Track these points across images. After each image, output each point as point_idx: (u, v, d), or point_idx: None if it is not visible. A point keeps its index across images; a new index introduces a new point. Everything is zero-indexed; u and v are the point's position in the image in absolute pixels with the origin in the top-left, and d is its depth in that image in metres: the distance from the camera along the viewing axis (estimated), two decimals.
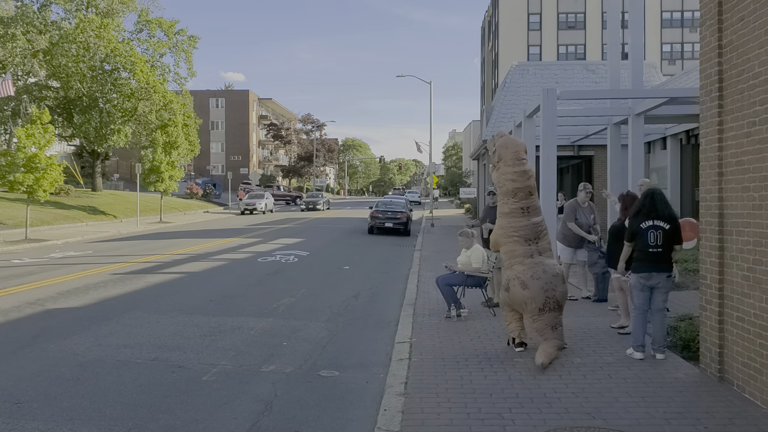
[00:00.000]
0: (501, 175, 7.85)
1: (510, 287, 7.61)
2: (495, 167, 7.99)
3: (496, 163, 7.96)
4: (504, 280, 7.79)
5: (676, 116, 18.47)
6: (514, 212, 7.75)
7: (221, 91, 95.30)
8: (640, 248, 7.40)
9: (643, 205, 7.46)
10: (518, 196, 7.74)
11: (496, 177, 7.94)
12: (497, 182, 7.94)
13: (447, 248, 20.87)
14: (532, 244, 7.73)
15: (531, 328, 7.58)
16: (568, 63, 42.04)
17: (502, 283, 7.82)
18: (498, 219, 8.01)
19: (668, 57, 70.96)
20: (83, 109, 39.87)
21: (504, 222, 7.80)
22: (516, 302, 7.60)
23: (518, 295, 7.53)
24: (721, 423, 5.39)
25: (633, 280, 7.52)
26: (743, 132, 6.06)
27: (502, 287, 7.81)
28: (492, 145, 8.08)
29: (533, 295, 7.43)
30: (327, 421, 5.85)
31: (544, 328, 7.44)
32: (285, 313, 10.73)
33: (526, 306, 7.50)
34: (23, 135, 22.69)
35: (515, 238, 7.69)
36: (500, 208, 7.93)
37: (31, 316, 10.27)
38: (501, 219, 7.89)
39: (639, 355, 7.41)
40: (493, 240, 8.10)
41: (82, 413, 5.90)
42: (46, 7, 42.27)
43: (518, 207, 7.73)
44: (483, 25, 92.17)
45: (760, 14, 5.75)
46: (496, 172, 7.96)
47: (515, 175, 7.79)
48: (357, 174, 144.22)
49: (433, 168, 45.99)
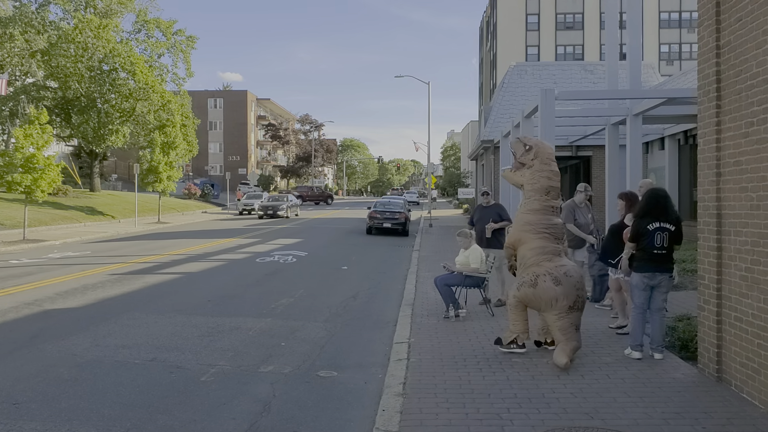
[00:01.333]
0: (537, 172, 7.74)
1: (538, 283, 7.42)
2: (525, 165, 7.84)
3: (531, 161, 7.85)
4: (529, 276, 7.55)
5: (674, 117, 18.52)
6: (546, 210, 7.69)
7: (219, 92, 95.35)
8: (644, 248, 7.36)
9: (652, 207, 7.38)
10: (551, 195, 7.74)
11: (531, 174, 7.78)
12: (530, 179, 7.78)
13: (445, 248, 20.87)
14: (560, 243, 7.74)
15: (555, 327, 7.36)
16: (567, 63, 42.11)
17: (524, 280, 7.58)
18: (524, 215, 7.80)
19: (666, 57, 71.07)
20: (81, 110, 39.85)
21: (534, 218, 7.67)
22: (543, 299, 7.39)
23: (549, 291, 7.36)
24: (720, 423, 5.39)
25: (635, 280, 7.49)
26: (741, 132, 6.07)
27: (524, 284, 7.56)
28: (522, 145, 7.96)
29: (566, 291, 7.32)
30: (325, 421, 5.85)
31: (569, 327, 7.30)
32: (283, 313, 10.73)
33: (556, 303, 7.33)
34: (21, 135, 22.68)
35: (546, 235, 7.61)
36: (528, 205, 7.77)
37: (29, 316, 10.25)
38: (529, 215, 7.72)
39: (637, 355, 7.40)
40: (518, 236, 7.83)
41: (80, 414, 5.90)
42: (44, 7, 42.24)
43: (550, 205, 7.73)
44: (481, 26, 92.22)
45: (758, 15, 5.76)
46: (528, 170, 7.81)
47: (552, 174, 7.79)
48: (355, 174, 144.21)
49: (432, 168, 45.92)
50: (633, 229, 7.53)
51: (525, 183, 7.86)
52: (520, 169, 7.92)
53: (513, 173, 8.01)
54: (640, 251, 7.41)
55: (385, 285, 14.23)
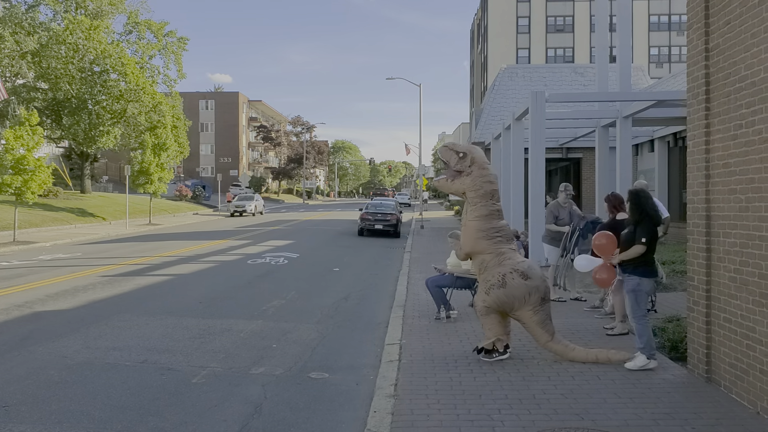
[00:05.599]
0: (478, 178, 7.59)
1: (507, 282, 7.32)
2: (463, 172, 7.62)
3: (468, 167, 7.70)
4: (495, 277, 7.41)
5: (664, 119, 18.65)
6: (494, 214, 7.58)
7: (211, 93, 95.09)
8: (653, 250, 7.23)
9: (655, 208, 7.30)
10: (494, 198, 7.64)
11: (472, 181, 7.62)
12: (473, 186, 7.61)
13: (436, 250, 20.90)
14: (512, 244, 7.74)
15: (533, 322, 7.32)
16: (557, 66, 42.28)
17: (491, 283, 7.43)
18: (474, 223, 7.62)
19: (656, 60, 71.43)
20: (72, 111, 39.66)
21: (484, 224, 7.56)
22: (516, 296, 7.29)
23: (520, 287, 7.27)
24: (709, 423, 5.43)
25: (648, 285, 7.25)
26: (730, 135, 6.12)
27: (492, 286, 7.40)
28: (455, 153, 7.71)
29: (536, 284, 7.27)
30: (317, 423, 5.85)
31: (546, 319, 7.32)
32: (275, 315, 10.72)
33: (529, 297, 7.27)
34: (11, 137, 22.55)
35: (499, 239, 7.59)
36: (477, 211, 7.59)
37: (19, 318, 10.20)
38: (480, 222, 7.58)
39: (654, 364, 7.07)
40: (473, 245, 7.64)
41: (70, 416, 5.88)
42: (34, 8, 42.02)
43: (496, 209, 7.63)
44: (472, 28, 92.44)
45: (746, 18, 5.81)
46: (468, 177, 7.63)
47: (492, 177, 7.68)
48: (347, 176, 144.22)
49: (423, 170, 46.07)
50: (647, 230, 7.16)
51: (467, 190, 7.63)
52: (458, 177, 7.68)
53: (451, 183, 7.70)
54: (650, 254, 7.21)
55: (377, 286, 14.24)
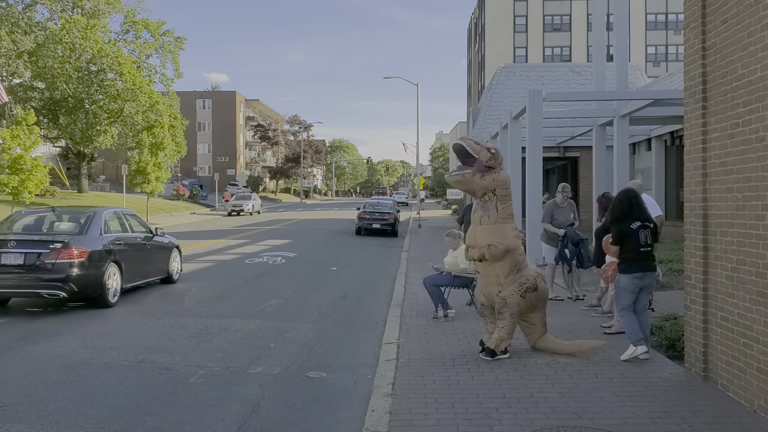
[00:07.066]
0: (506, 179, 7.56)
1: (538, 285, 7.50)
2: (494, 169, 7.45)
3: (499, 164, 7.53)
4: (530, 281, 7.44)
5: (661, 118, 18.66)
6: (511, 216, 7.66)
7: (208, 92, 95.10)
8: (631, 249, 7.33)
9: (635, 206, 7.42)
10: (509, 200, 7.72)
11: (504, 178, 7.52)
12: (504, 183, 7.52)
13: (434, 249, 20.90)
14: None
15: (538, 319, 7.60)
16: (554, 65, 42.33)
17: (526, 286, 7.40)
18: (507, 222, 7.51)
19: (653, 59, 71.52)
20: (69, 110, 39.63)
21: (509, 228, 7.51)
22: (542, 299, 7.57)
23: (544, 290, 7.64)
24: (706, 422, 5.44)
25: (625, 282, 7.41)
26: (727, 133, 6.13)
27: (527, 289, 7.39)
28: (486, 149, 7.50)
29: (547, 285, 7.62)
30: (315, 422, 5.85)
31: (544, 314, 7.70)
32: (272, 314, 10.71)
33: (545, 298, 7.68)
34: (8, 136, 22.54)
35: (520, 241, 7.70)
36: (507, 210, 7.52)
37: (16, 318, 10.18)
38: (510, 221, 7.54)
39: (643, 349, 7.20)
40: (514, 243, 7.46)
41: (68, 416, 5.87)
42: (31, 7, 41.98)
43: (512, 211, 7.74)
44: (469, 27, 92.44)
45: (743, 17, 5.82)
46: (499, 175, 7.48)
47: (509, 181, 7.75)
48: (344, 175, 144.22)
49: (420, 169, 46.05)
50: (616, 231, 7.43)
51: (498, 187, 7.48)
52: (488, 173, 7.45)
53: (481, 178, 7.42)
54: (627, 252, 7.36)
55: (375, 285, 14.24)
